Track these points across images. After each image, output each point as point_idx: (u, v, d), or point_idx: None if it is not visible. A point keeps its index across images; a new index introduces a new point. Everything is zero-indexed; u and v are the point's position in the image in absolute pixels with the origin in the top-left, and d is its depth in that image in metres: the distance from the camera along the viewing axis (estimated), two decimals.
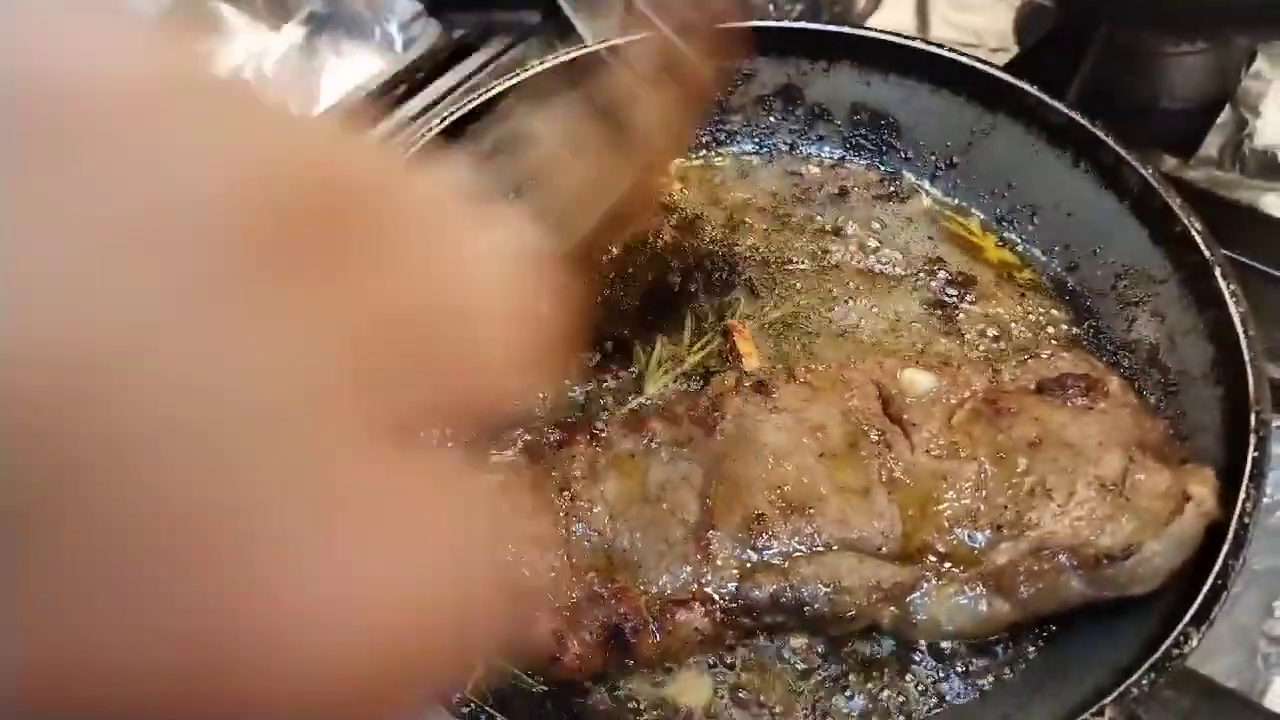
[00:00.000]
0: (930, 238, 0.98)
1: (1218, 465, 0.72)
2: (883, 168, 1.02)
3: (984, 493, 0.70)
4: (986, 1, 1.54)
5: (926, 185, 1.01)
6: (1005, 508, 0.69)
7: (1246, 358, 0.74)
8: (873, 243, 0.97)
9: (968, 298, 0.92)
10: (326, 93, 1.37)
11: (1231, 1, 0.99)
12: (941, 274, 0.94)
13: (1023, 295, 0.93)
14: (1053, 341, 0.88)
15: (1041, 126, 0.93)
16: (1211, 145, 1.28)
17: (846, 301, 0.92)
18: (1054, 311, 0.91)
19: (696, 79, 0.64)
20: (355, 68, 1.39)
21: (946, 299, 0.92)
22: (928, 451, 0.73)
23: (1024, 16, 1.48)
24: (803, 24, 0.98)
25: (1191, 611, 0.63)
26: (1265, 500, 0.93)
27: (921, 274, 0.94)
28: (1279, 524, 0.94)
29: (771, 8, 1.47)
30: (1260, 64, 1.28)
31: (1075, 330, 0.90)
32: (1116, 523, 0.66)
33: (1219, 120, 1.28)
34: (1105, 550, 0.65)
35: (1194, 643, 0.62)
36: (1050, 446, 0.71)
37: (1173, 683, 0.73)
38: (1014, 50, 1.38)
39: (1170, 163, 1.20)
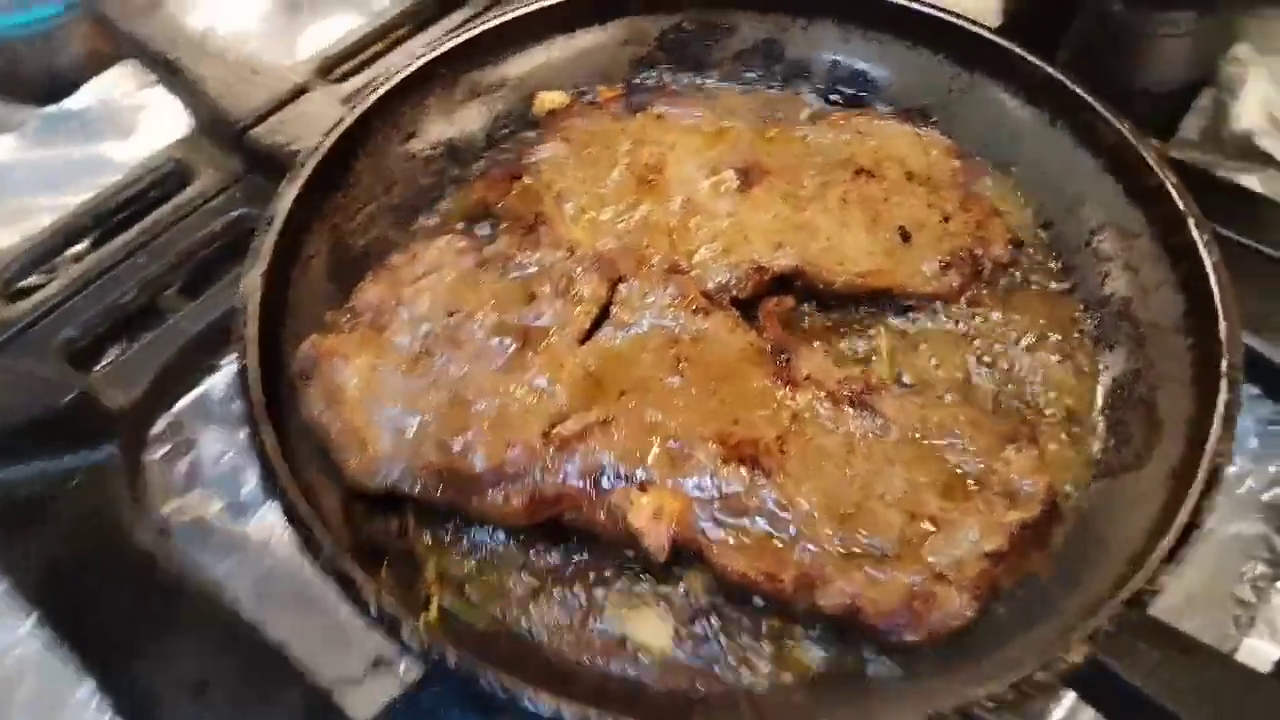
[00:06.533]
0: None
1: (1186, 413, 0.71)
2: None
3: None
4: None
5: None
6: None
7: (1219, 308, 0.74)
8: None
9: None
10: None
11: None
12: None
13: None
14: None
15: (1020, 85, 0.92)
16: (1190, 129, 1.29)
17: None
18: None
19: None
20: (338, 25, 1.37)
21: None
22: None
23: None
24: None
25: (1165, 549, 0.62)
26: (1233, 469, 0.93)
27: None
28: (1247, 492, 0.94)
29: None
30: (1240, 49, 1.27)
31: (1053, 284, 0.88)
32: None
33: (1199, 104, 1.28)
34: None
35: (1164, 579, 0.61)
36: None
37: (1145, 635, 0.72)
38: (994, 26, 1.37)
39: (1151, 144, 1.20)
